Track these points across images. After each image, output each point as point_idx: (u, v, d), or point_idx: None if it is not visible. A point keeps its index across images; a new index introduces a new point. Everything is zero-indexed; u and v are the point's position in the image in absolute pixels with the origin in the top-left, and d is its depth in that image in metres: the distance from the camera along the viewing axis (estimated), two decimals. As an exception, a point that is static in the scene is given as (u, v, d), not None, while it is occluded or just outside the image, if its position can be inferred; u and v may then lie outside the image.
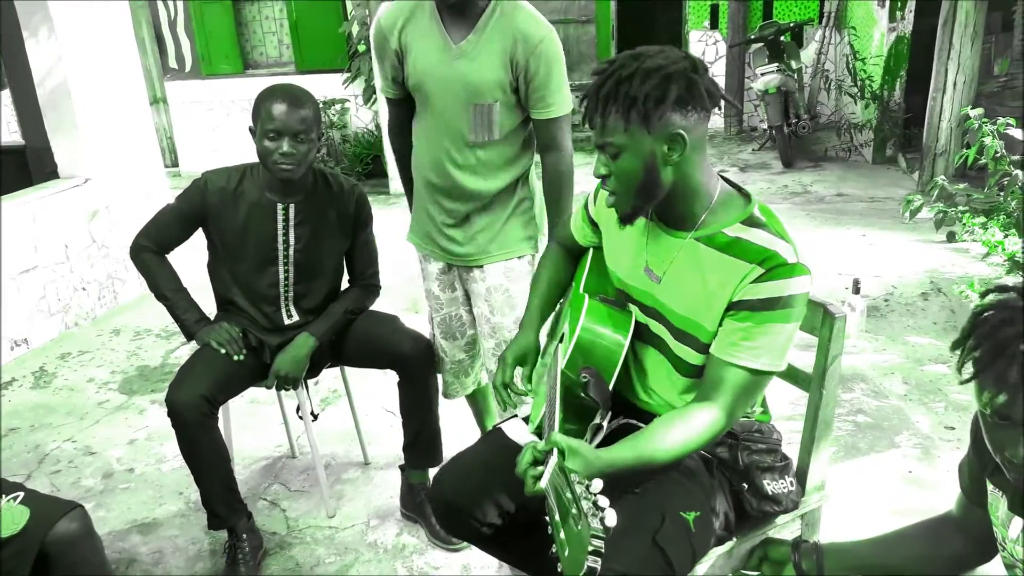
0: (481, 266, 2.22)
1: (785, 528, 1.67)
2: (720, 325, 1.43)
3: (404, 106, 2.23)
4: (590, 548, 1.07)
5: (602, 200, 1.65)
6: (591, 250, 1.78)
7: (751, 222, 1.44)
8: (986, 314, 1.05)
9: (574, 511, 1.12)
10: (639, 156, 1.37)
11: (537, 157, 2.22)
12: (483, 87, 2.03)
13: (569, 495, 1.14)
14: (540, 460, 1.26)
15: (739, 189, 1.51)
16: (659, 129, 1.35)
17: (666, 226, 1.51)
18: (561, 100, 2.08)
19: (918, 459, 2.68)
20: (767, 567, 1.57)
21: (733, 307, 1.41)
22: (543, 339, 1.84)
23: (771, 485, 1.56)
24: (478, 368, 2.48)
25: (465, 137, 2.09)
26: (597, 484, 1.13)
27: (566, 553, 1.12)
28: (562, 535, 1.14)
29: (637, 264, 1.55)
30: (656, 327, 1.55)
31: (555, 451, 1.23)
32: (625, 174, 1.40)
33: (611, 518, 1.09)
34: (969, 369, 1.05)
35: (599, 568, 1.07)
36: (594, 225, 1.73)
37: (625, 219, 1.48)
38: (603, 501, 1.10)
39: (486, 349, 2.31)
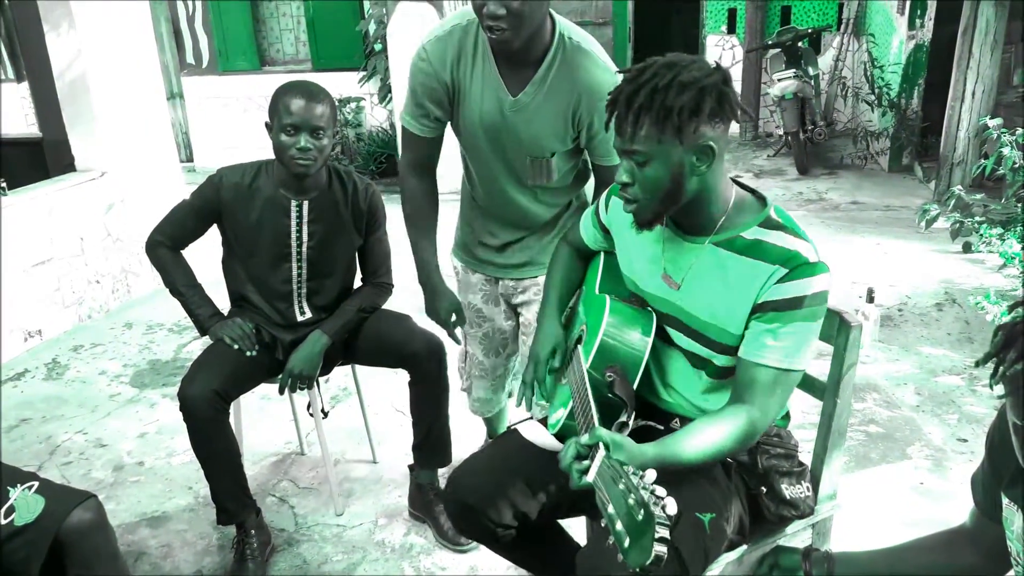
0: (534, 276, 2.17)
1: (796, 537, 1.66)
2: (747, 328, 1.44)
3: (433, 144, 2.05)
4: (657, 535, 1.07)
5: (614, 206, 1.66)
6: (601, 252, 1.79)
7: (769, 224, 1.45)
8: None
9: (631, 501, 1.12)
10: (667, 166, 1.37)
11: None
12: (542, 143, 1.92)
13: (623, 486, 1.14)
14: (584, 455, 1.26)
15: (753, 192, 1.52)
16: (691, 141, 1.36)
17: (683, 233, 1.51)
18: None
19: (930, 471, 2.66)
20: (777, 574, 1.56)
21: (759, 309, 1.42)
22: None
23: (789, 490, 1.57)
24: (510, 380, 2.47)
25: (523, 180, 2.02)
26: (651, 475, 1.13)
27: (626, 543, 1.11)
28: (619, 526, 1.13)
29: (654, 271, 1.56)
30: (676, 333, 1.56)
31: (600, 445, 1.24)
32: (651, 182, 1.39)
33: (672, 506, 1.09)
34: (1002, 382, 1.02)
35: (666, 556, 1.07)
36: (605, 231, 1.73)
37: (644, 225, 1.47)
38: (660, 491, 1.10)
39: (526, 354, 2.29)
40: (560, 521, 1.80)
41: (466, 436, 2.70)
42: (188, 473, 2.78)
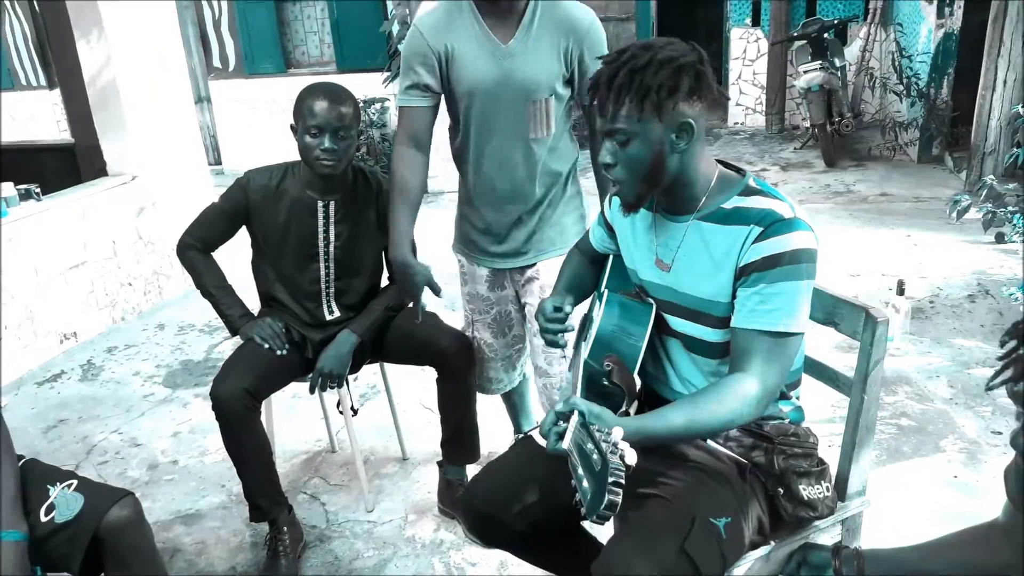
0: (534, 264, 2.25)
1: (825, 533, 1.64)
2: (734, 297, 1.46)
3: (426, 115, 2.13)
4: (610, 479, 1.08)
5: (616, 203, 1.68)
6: (611, 256, 1.82)
7: (747, 192, 1.49)
8: None
9: (595, 457, 1.14)
10: (648, 144, 1.42)
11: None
12: (538, 84, 2.06)
13: (590, 446, 1.17)
14: (563, 421, 1.30)
15: (735, 169, 1.56)
16: (670, 118, 1.40)
17: (670, 214, 1.55)
18: None
19: (963, 464, 2.63)
20: (806, 572, 1.54)
21: (741, 273, 1.44)
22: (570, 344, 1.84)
23: (807, 490, 1.54)
24: (524, 360, 2.50)
25: (526, 136, 2.11)
26: (618, 432, 1.16)
27: (588, 497, 1.13)
28: (585, 484, 1.16)
29: (649, 258, 1.60)
30: (672, 318, 1.58)
31: (576, 412, 1.26)
32: (633, 161, 1.44)
33: (631, 457, 1.11)
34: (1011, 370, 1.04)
35: (619, 501, 1.08)
36: (610, 229, 1.77)
37: (629, 207, 1.52)
38: (623, 444, 1.13)
39: (536, 345, 2.31)
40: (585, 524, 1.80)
41: (494, 432, 2.71)
42: (221, 471, 2.82)
